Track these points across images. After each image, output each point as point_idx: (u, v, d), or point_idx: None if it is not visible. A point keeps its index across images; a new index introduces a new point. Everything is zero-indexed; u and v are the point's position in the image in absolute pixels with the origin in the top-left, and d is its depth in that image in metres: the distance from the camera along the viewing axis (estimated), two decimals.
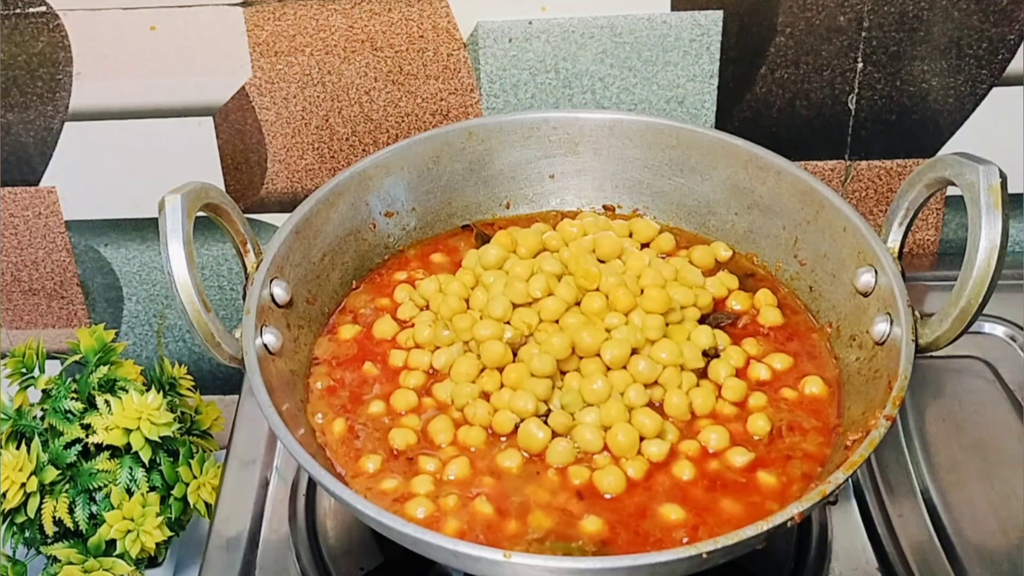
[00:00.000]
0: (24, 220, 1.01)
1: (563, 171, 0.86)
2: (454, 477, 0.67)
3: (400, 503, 0.65)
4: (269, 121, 0.95)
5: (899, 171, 0.97)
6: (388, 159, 0.82)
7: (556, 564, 0.58)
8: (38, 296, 1.05)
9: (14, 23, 0.91)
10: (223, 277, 1.04)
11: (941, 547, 0.72)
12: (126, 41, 0.92)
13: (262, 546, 0.75)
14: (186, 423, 0.93)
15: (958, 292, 0.66)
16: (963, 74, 0.92)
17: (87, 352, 0.90)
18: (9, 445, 0.87)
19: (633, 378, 0.70)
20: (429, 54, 0.92)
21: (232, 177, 0.98)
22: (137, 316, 1.06)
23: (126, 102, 0.95)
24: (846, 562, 0.72)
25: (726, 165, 0.82)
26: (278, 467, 0.81)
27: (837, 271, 0.75)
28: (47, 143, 0.97)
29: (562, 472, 0.67)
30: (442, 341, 0.74)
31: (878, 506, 0.75)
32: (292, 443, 0.63)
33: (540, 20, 0.91)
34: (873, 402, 0.67)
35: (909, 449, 0.79)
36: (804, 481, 0.66)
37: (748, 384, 0.72)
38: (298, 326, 0.75)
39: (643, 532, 0.64)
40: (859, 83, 0.93)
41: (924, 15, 0.90)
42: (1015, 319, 0.88)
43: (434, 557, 0.61)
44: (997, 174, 0.65)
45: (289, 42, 0.92)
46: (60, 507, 0.85)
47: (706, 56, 0.92)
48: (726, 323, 0.76)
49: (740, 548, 0.58)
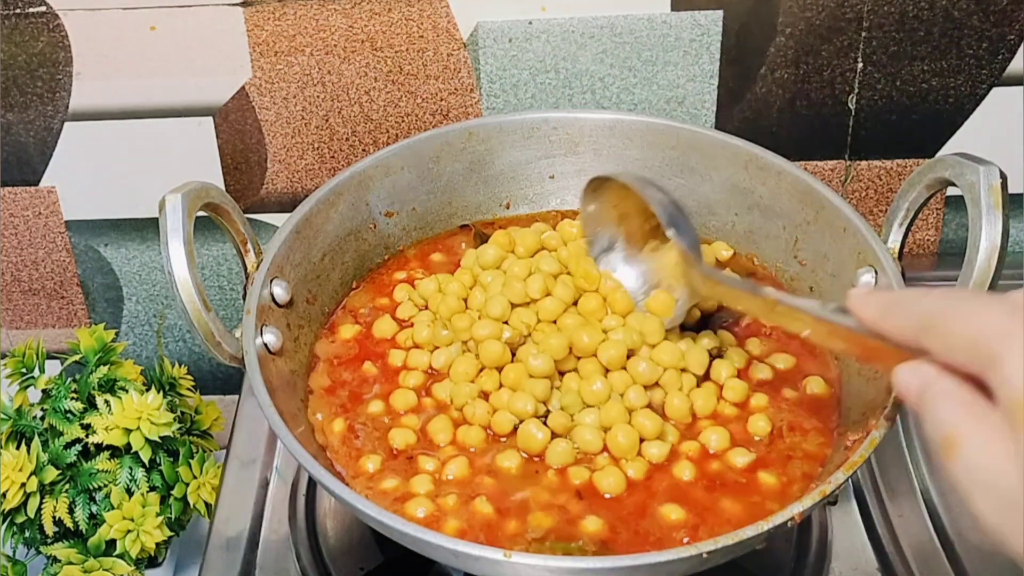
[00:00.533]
0: (24, 220, 1.01)
1: (563, 171, 0.86)
2: (453, 477, 0.67)
3: (400, 503, 0.65)
4: (269, 121, 0.95)
5: (899, 171, 0.97)
6: (388, 159, 0.82)
7: (556, 564, 0.58)
8: (38, 296, 1.05)
9: (14, 23, 0.91)
10: (223, 277, 1.04)
11: (941, 547, 0.72)
12: (126, 41, 0.92)
13: (262, 546, 0.75)
14: (186, 423, 0.93)
15: None
16: (963, 74, 0.92)
17: (87, 352, 0.90)
18: (9, 445, 0.87)
19: (633, 379, 0.70)
20: (429, 54, 0.92)
21: (232, 177, 0.98)
22: (137, 316, 1.06)
23: (126, 102, 0.95)
24: (846, 562, 0.72)
25: (726, 165, 0.82)
26: (278, 467, 0.81)
27: (837, 271, 0.75)
28: (47, 143, 0.97)
29: (562, 473, 0.67)
30: (441, 341, 0.74)
31: (878, 506, 0.75)
32: (292, 443, 0.63)
33: (540, 20, 0.91)
34: (873, 402, 0.67)
35: (909, 449, 0.79)
36: (804, 481, 0.66)
37: (749, 384, 0.72)
38: (298, 326, 0.75)
39: (643, 532, 0.63)
40: (859, 83, 0.93)
41: (924, 15, 0.90)
42: None
43: (434, 557, 0.61)
44: (997, 174, 0.65)
45: (289, 42, 0.92)
46: (60, 507, 0.85)
47: (706, 56, 0.92)
48: (729, 322, 0.76)
49: (740, 548, 0.58)
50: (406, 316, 0.77)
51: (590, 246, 0.76)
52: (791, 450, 0.68)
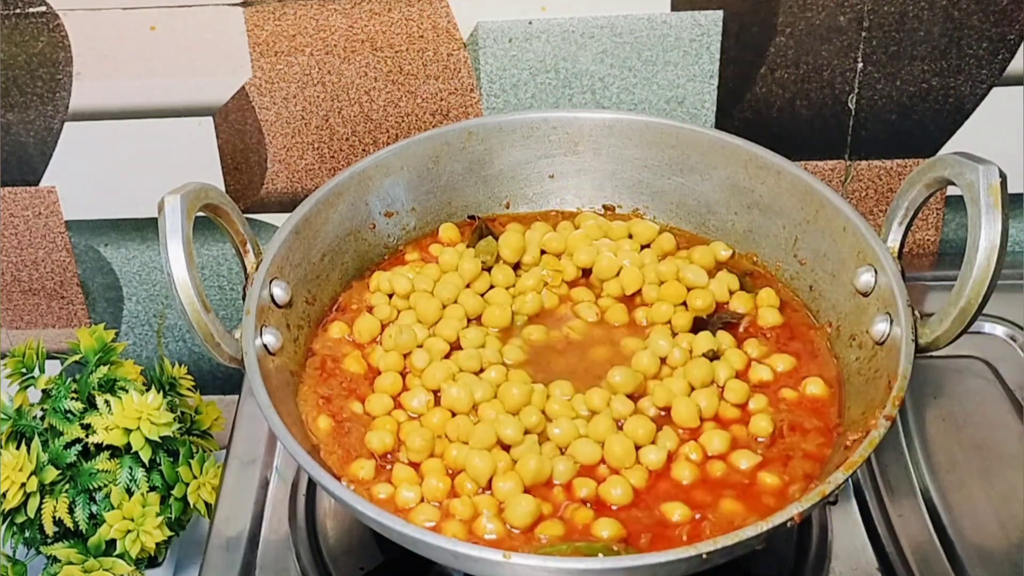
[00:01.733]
0: (24, 220, 1.01)
1: (563, 171, 0.86)
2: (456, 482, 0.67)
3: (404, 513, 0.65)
4: (269, 121, 0.95)
5: (899, 171, 0.97)
6: (388, 159, 0.82)
7: (556, 564, 0.58)
8: (38, 296, 1.05)
9: (14, 23, 0.91)
10: (223, 277, 1.04)
11: (941, 547, 0.72)
12: (126, 41, 0.92)
13: (262, 546, 0.75)
14: (186, 423, 0.93)
15: (958, 292, 0.66)
16: (963, 74, 0.92)
17: (87, 352, 0.90)
18: (9, 445, 0.87)
19: (613, 389, 0.71)
20: (429, 54, 0.92)
21: (232, 177, 0.98)
22: (137, 316, 1.06)
23: (126, 102, 0.95)
24: (846, 562, 0.72)
25: (726, 165, 0.82)
26: (278, 467, 0.81)
27: (837, 271, 0.75)
28: (47, 143, 0.97)
29: (567, 487, 0.67)
30: (405, 347, 0.74)
31: (878, 506, 0.75)
32: (292, 443, 0.63)
33: (540, 20, 0.91)
34: (873, 402, 0.67)
35: (909, 449, 0.79)
36: (805, 481, 0.66)
37: (749, 385, 0.72)
38: (298, 326, 0.75)
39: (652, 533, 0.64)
40: (859, 83, 0.93)
41: (924, 15, 0.90)
42: (1015, 319, 0.88)
43: (434, 558, 0.61)
44: (997, 174, 0.65)
45: (289, 42, 0.92)
46: (60, 507, 0.85)
47: (706, 56, 0.92)
48: (729, 321, 0.76)
49: (740, 548, 0.58)
50: (383, 317, 0.77)
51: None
52: (791, 450, 0.68)
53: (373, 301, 0.79)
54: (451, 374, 0.72)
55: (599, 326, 0.78)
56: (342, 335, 0.77)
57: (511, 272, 0.80)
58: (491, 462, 0.66)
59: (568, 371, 0.74)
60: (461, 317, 0.77)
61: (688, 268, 0.79)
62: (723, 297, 0.78)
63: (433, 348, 0.74)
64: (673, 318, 0.76)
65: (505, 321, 0.77)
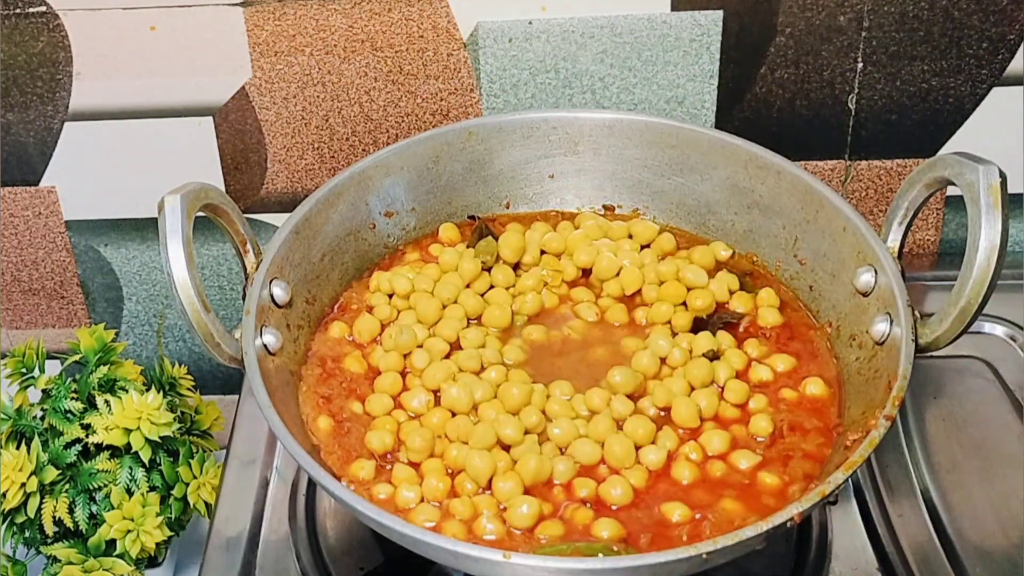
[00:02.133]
0: (24, 220, 1.01)
1: (563, 171, 0.86)
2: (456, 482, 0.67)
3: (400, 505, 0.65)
4: (269, 121, 0.95)
5: (899, 171, 0.97)
6: (388, 159, 0.82)
7: (556, 564, 0.58)
8: (38, 296, 1.05)
9: (14, 23, 0.91)
10: (223, 277, 1.04)
11: (941, 547, 0.72)
12: (126, 41, 0.92)
13: (262, 546, 0.75)
14: (186, 423, 0.93)
15: (958, 292, 0.66)
16: (963, 74, 0.92)
17: (87, 352, 0.90)
18: (9, 445, 0.87)
19: (613, 390, 0.71)
20: (429, 54, 0.92)
21: (232, 177, 0.98)
22: (137, 316, 1.06)
23: (126, 102, 0.95)
24: (846, 562, 0.72)
25: (726, 165, 0.82)
26: (278, 467, 0.81)
27: (837, 271, 0.75)
28: (47, 143, 0.97)
29: (567, 487, 0.67)
30: (405, 347, 0.74)
31: (878, 506, 0.75)
32: (292, 443, 0.63)
33: (540, 20, 0.91)
34: (873, 402, 0.67)
35: (909, 449, 0.79)
36: (805, 481, 0.66)
37: (749, 385, 0.72)
38: (298, 326, 0.75)
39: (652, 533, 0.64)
40: (859, 83, 0.93)
41: (924, 15, 0.90)
42: (1015, 319, 0.88)
43: (434, 558, 0.61)
44: (997, 174, 0.65)
45: (289, 42, 0.92)
46: (60, 507, 0.85)
47: (706, 56, 0.92)
48: (729, 321, 0.76)
49: (740, 548, 0.58)
50: (383, 317, 0.77)
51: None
52: (791, 450, 0.68)
53: (373, 301, 0.79)
54: (451, 374, 0.72)
55: (599, 326, 0.78)
56: (342, 335, 0.77)
57: (511, 272, 0.80)
58: (491, 462, 0.66)
59: (568, 371, 0.74)
60: (461, 317, 0.77)
61: (688, 268, 0.79)
62: (723, 297, 0.78)
63: (433, 348, 0.74)
64: (673, 318, 0.76)
65: (505, 321, 0.77)
